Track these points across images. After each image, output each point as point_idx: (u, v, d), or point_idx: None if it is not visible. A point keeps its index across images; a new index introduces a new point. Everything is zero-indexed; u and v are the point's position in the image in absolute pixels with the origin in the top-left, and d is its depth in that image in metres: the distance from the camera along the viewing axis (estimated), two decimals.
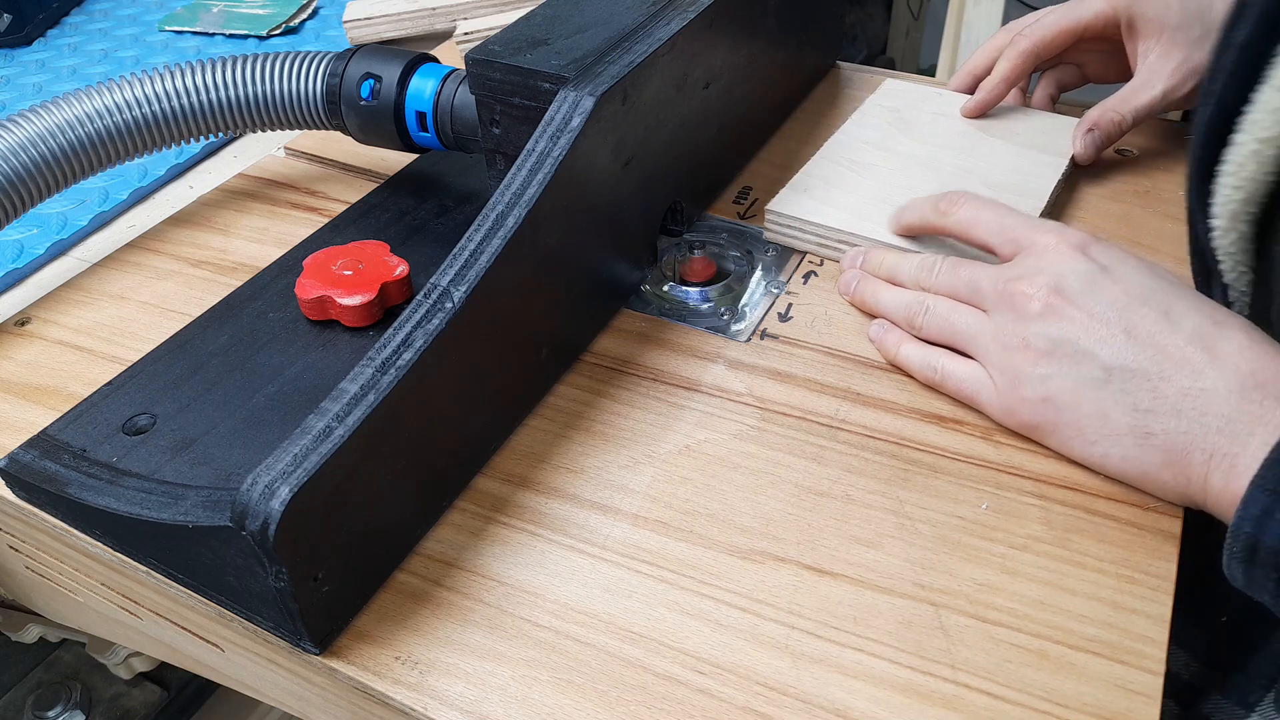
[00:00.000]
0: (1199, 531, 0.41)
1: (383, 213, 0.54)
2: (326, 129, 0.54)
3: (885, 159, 0.56)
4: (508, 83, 0.44)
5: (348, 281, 0.46)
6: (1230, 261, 0.41)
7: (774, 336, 0.47)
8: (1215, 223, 0.40)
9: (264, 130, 0.54)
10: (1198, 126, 0.40)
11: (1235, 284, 0.41)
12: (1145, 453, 0.37)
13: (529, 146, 0.40)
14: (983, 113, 0.59)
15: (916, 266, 0.46)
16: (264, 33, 0.80)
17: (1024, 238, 0.42)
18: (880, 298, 0.47)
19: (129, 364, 0.44)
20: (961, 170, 0.55)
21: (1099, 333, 0.38)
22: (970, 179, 0.54)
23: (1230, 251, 0.41)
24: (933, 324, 0.44)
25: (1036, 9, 0.59)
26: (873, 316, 0.48)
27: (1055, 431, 0.39)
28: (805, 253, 0.52)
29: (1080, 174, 0.57)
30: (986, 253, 0.45)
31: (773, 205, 0.52)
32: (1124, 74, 0.57)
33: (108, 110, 0.49)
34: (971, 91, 0.61)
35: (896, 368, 0.45)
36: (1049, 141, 0.57)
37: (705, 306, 0.49)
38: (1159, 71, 0.54)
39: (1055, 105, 0.62)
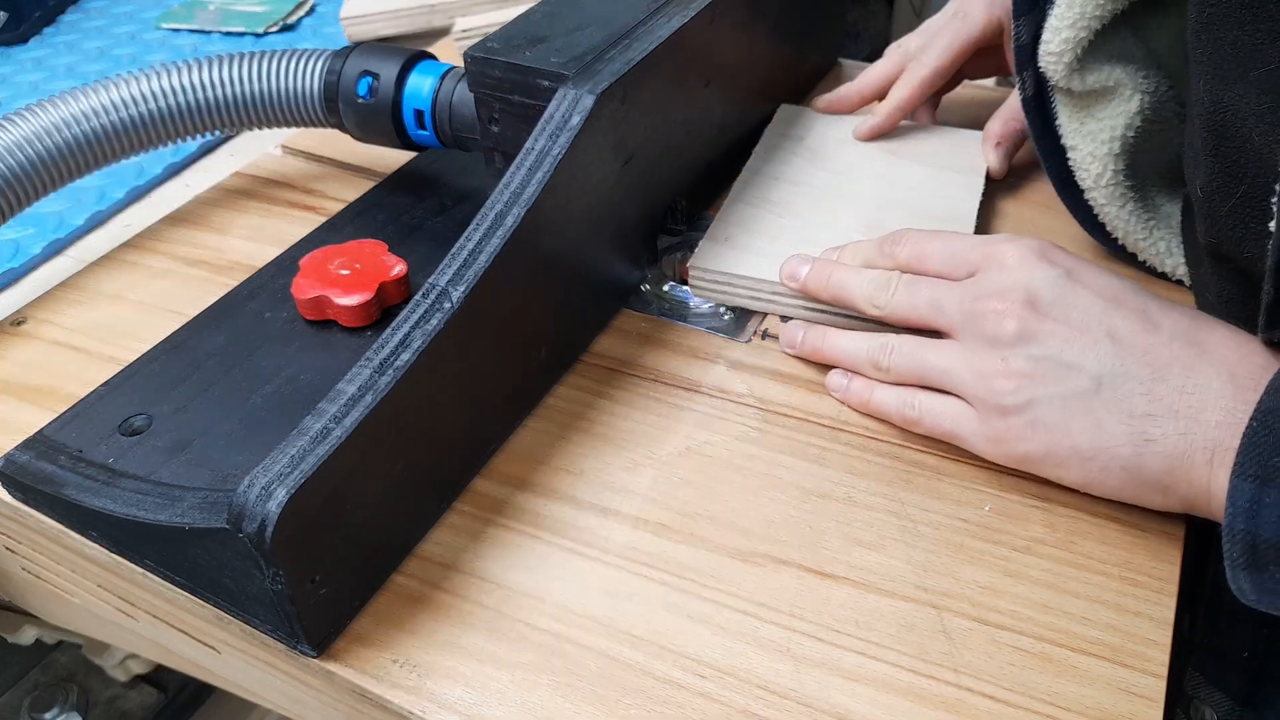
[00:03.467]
0: (1202, 559, 0.40)
1: (380, 211, 0.54)
2: (324, 127, 0.53)
3: (802, 195, 0.53)
4: (507, 80, 0.44)
5: (345, 281, 0.45)
6: None
7: (775, 337, 0.47)
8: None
9: (261, 128, 0.54)
10: None
11: None
12: (1146, 460, 0.35)
13: (528, 145, 0.40)
14: (875, 138, 0.57)
15: (870, 284, 0.42)
16: (261, 30, 0.80)
17: (978, 255, 0.40)
18: (836, 345, 0.43)
19: (125, 364, 0.44)
20: (883, 200, 0.52)
21: (1081, 341, 0.36)
22: (894, 209, 0.52)
23: None
24: (900, 363, 0.41)
25: None
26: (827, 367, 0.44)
27: (1048, 455, 0.37)
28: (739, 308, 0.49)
29: (993, 187, 0.55)
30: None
31: (696, 260, 0.48)
32: (997, 69, 0.58)
33: (104, 108, 0.49)
34: (851, 110, 0.60)
35: (870, 416, 0.42)
36: (959, 159, 0.55)
37: (706, 307, 0.49)
38: None
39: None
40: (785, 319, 0.47)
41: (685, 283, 0.50)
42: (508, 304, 0.39)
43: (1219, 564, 0.32)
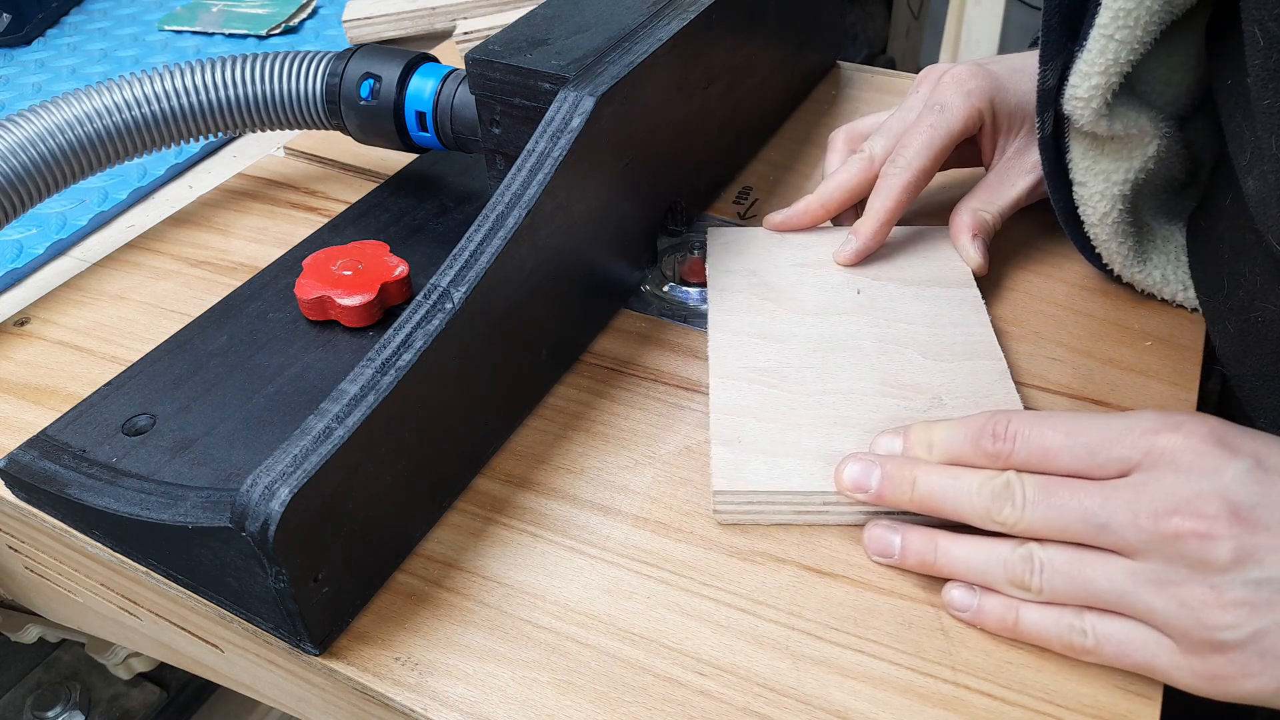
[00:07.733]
0: None
1: (382, 213, 0.54)
2: (326, 129, 0.53)
3: (790, 354, 0.43)
4: (508, 82, 0.44)
5: (347, 282, 0.46)
6: None
7: None
8: None
9: (263, 130, 0.54)
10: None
11: None
12: None
13: (529, 147, 0.40)
14: (860, 260, 0.48)
15: (983, 493, 0.34)
16: (263, 32, 0.80)
17: (1131, 451, 0.32)
18: (956, 558, 0.35)
19: (128, 364, 0.44)
20: (885, 342, 0.44)
21: None
22: (906, 353, 0.43)
23: None
24: (1056, 584, 0.33)
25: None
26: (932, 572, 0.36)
27: None
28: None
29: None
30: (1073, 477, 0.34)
31: (719, 483, 0.38)
32: (963, 161, 0.53)
33: (107, 110, 0.49)
34: (814, 225, 0.51)
35: (1016, 641, 0.34)
36: (936, 267, 0.48)
37: (705, 307, 0.49)
38: (1018, 167, 0.50)
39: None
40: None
41: (685, 283, 0.50)
42: (509, 304, 0.39)
43: None
